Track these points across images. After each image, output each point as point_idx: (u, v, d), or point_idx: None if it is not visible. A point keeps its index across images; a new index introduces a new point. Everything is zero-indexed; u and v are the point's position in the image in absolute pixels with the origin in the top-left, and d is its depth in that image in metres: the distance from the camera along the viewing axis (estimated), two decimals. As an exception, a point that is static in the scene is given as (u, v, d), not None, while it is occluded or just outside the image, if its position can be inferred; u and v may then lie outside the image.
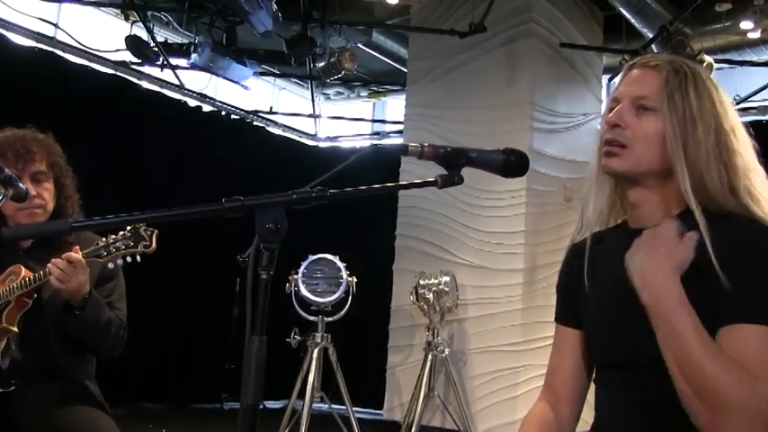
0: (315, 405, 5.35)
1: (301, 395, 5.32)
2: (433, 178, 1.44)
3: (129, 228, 2.31)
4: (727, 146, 1.52)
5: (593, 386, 1.69)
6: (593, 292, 1.63)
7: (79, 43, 7.22)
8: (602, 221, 1.69)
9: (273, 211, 1.28)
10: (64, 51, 7.09)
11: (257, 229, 1.27)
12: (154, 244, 2.31)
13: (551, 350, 1.76)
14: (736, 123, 1.56)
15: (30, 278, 2.35)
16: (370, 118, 10.03)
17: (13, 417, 2.33)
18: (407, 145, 1.44)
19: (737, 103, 7.40)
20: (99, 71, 7.32)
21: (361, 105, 10.01)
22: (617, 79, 1.72)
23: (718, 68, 6.71)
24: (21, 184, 2.17)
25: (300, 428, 5.10)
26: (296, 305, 5.47)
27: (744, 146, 1.55)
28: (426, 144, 1.45)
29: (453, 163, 1.46)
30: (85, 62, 7.26)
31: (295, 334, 5.49)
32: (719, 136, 1.52)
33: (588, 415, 1.68)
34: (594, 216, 1.68)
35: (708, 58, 6.26)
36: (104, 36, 7.47)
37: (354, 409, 5.44)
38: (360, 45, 7.79)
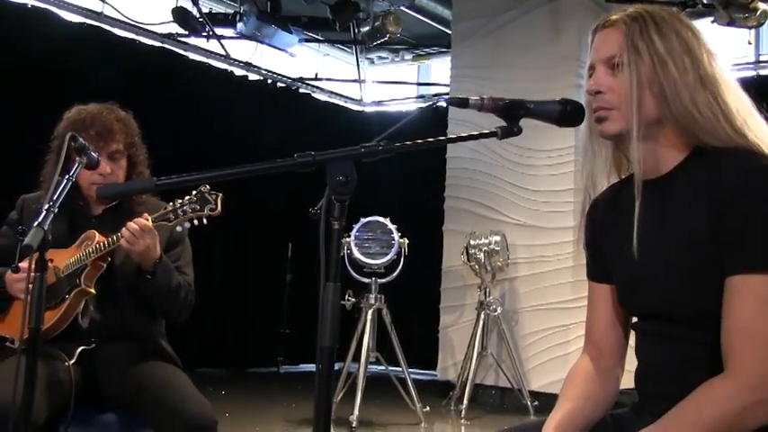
0: (370, 367, 5.44)
1: (357, 357, 5.43)
2: (493, 129, 1.49)
3: (194, 192, 2.39)
4: (710, 77, 1.51)
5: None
6: (616, 247, 1.64)
7: (126, 17, 7.33)
8: (605, 184, 1.71)
9: (343, 164, 1.34)
10: (112, 26, 7.21)
11: (328, 182, 1.32)
12: (219, 207, 2.39)
13: (587, 306, 1.79)
14: (712, 55, 1.54)
15: (104, 242, 2.45)
16: (415, 81, 10.01)
17: (96, 372, 2.46)
18: (468, 98, 1.49)
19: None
20: (147, 44, 7.44)
21: (405, 69, 9.99)
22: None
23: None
24: (93, 153, 2.25)
25: (357, 390, 5.20)
26: (349, 268, 5.55)
27: (726, 75, 1.54)
28: (486, 96, 1.49)
29: (512, 114, 1.51)
30: (133, 36, 7.37)
31: (349, 296, 5.57)
32: (698, 70, 1.51)
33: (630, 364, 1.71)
34: (598, 182, 1.69)
35: (762, 6, 6.08)
36: (151, 9, 7.57)
37: (409, 369, 5.52)
38: (403, 8, 7.76)
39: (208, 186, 2.38)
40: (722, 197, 1.41)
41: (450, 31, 7.59)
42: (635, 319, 1.70)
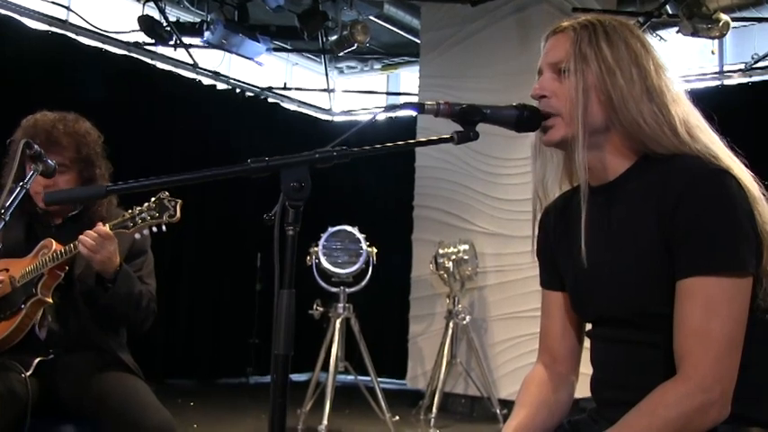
0: (339, 376, 5.42)
1: (325, 367, 5.40)
2: (448, 135, 1.49)
3: (153, 198, 2.36)
4: (657, 88, 1.51)
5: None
6: (568, 255, 1.66)
7: (92, 26, 7.25)
8: (557, 191, 1.72)
9: (297, 170, 1.33)
10: (77, 34, 7.13)
11: (282, 188, 1.31)
12: (178, 214, 2.36)
13: (541, 314, 1.81)
14: (661, 67, 1.55)
15: (61, 251, 2.41)
16: (385, 91, 10.02)
17: (55, 383, 2.42)
18: (424, 103, 1.49)
19: (755, 62, 7.33)
20: (113, 53, 7.35)
21: (374, 78, 10.00)
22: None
23: (736, 27, 6.61)
24: (49, 161, 2.22)
25: (325, 400, 5.17)
26: (317, 277, 5.53)
27: (674, 87, 1.55)
28: (442, 102, 1.50)
29: (468, 119, 1.52)
30: (99, 44, 7.29)
31: (317, 306, 5.55)
32: (645, 81, 1.51)
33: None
34: (549, 190, 1.70)
35: (724, 17, 6.16)
36: (117, 18, 7.50)
37: (378, 379, 5.50)
38: (371, 17, 7.77)
39: (167, 193, 2.36)
40: (671, 201, 1.42)
41: (419, 41, 7.62)
42: (589, 326, 1.70)
